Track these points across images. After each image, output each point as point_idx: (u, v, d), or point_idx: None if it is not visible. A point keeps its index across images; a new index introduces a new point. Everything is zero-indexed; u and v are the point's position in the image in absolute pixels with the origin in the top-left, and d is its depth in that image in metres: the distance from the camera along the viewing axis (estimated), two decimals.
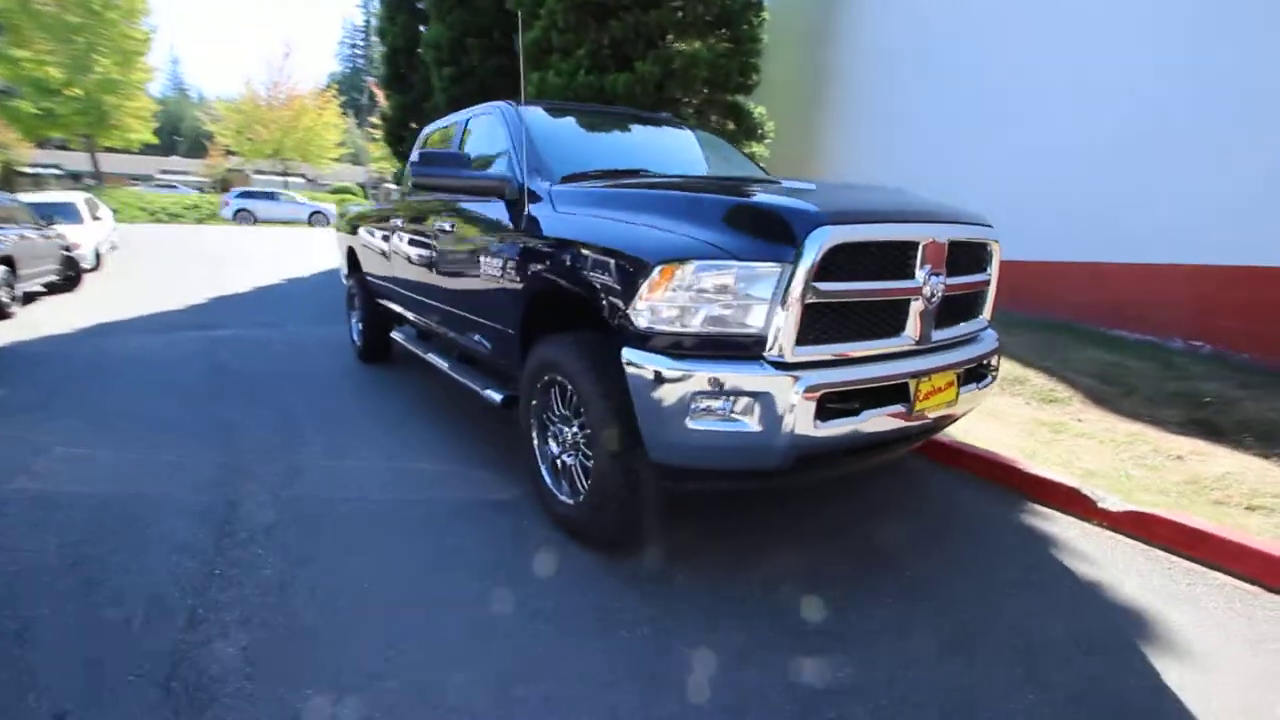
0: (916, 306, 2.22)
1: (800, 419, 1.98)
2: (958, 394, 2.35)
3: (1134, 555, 2.50)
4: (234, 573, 2.30)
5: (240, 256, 14.65)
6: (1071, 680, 1.84)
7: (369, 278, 5.19)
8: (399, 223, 4.22)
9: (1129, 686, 1.82)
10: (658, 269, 2.00)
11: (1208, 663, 1.91)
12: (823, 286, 1.98)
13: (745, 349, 2.00)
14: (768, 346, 1.98)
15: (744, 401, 1.97)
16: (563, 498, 2.56)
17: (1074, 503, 2.81)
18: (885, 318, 2.19)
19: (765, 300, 1.95)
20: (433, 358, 3.88)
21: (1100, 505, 2.72)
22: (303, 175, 37.24)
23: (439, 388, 4.73)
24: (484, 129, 3.49)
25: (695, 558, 2.43)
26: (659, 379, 2.01)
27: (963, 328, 2.48)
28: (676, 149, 3.62)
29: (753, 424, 1.98)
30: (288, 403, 4.29)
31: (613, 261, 2.14)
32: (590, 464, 2.35)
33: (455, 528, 2.65)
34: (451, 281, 3.43)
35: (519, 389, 2.99)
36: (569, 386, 2.42)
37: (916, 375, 2.20)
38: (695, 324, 2.01)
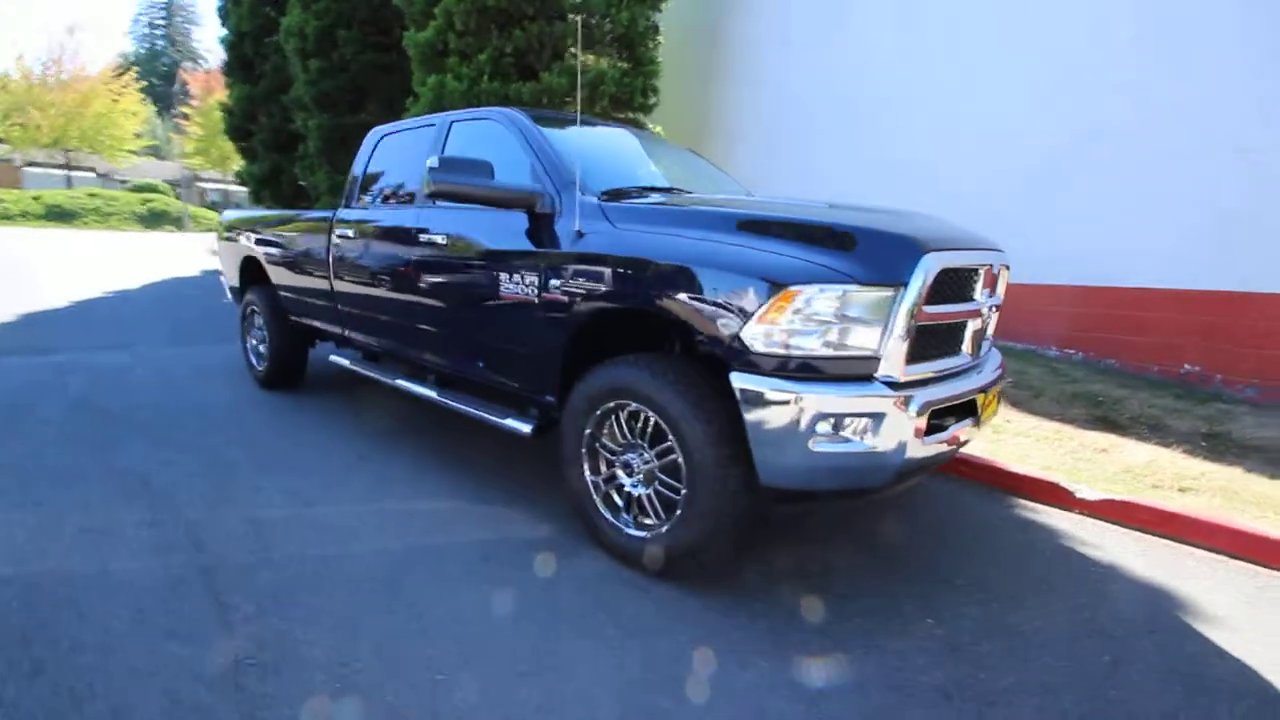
0: (973, 326, 2.41)
1: (912, 437, 2.05)
2: (998, 406, 2.57)
3: (1123, 538, 2.89)
4: (270, 658, 1.89)
5: (39, 263, 12.15)
6: (1148, 656, 2.07)
7: (285, 294, 4.54)
8: (348, 234, 3.75)
9: (1195, 653, 2.09)
10: (780, 291, 1.97)
11: (1231, 624, 2.26)
12: (927, 309, 2.08)
13: (860, 370, 2.03)
14: (881, 367, 2.03)
15: (864, 422, 2.00)
16: (629, 530, 2.42)
17: (1055, 495, 3.18)
18: (953, 338, 2.34)
19: (880, 323, 2.00)
20: (405, 384, 3.48)
21: (1078, 495, 3.11)
22: (92, 169, 31.61)
23: (388, 415, 4.25)
24: (475, 136, 3.22)
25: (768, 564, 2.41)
26: (780, 403, 1.98)
27: (987, 345, 2.72)
28: (678, 163, 3.58)
29: (871, 444, 2.01)
30: (200, 444, 3.62)
31: (721, 283, 2.07)
32: (678, 492, 2.25)
33: (501, 575, 2.39)
34: (445, 302, 3.11)
35: (552, 417, 2.80)
36: (645, 413, 2.29)
37: (980, 390, 2.37)
38: (813, 347, 2.00)
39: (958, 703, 1.80)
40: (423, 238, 3.19)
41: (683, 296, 2.14)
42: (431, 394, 3.29)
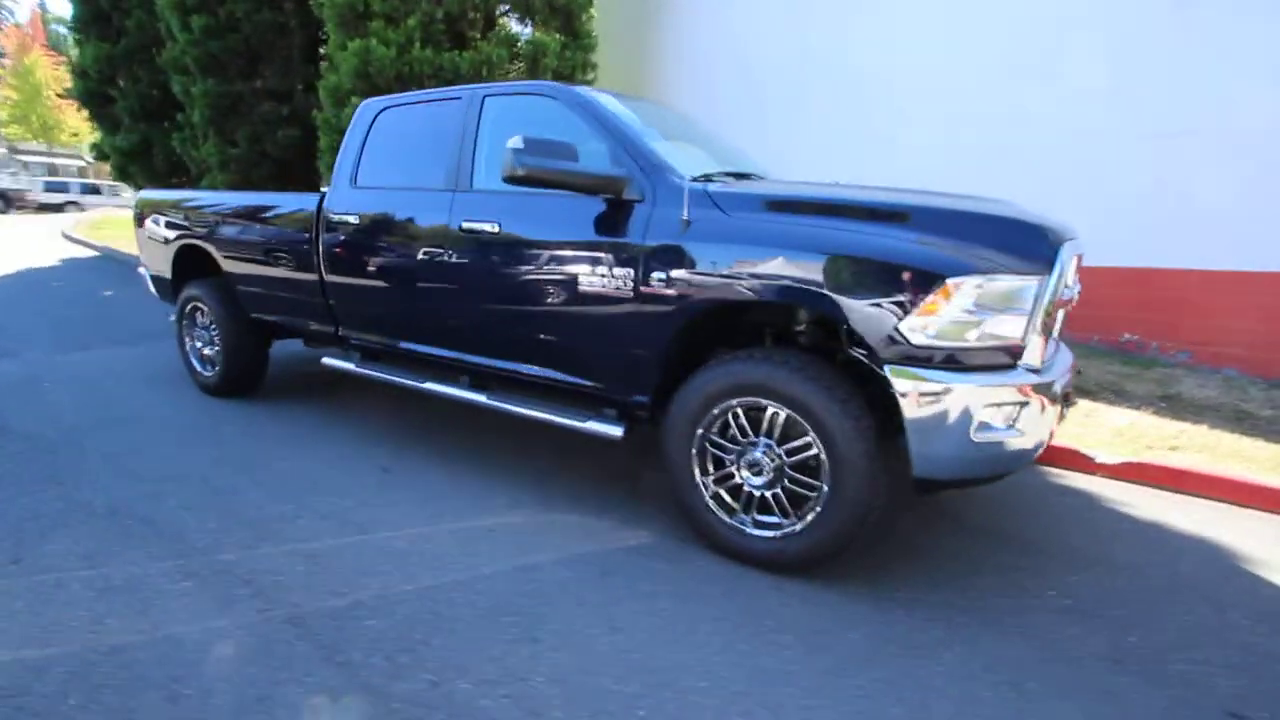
0: (1061, 314, 2.53)
1: (1051, 422, 2.14)
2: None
3: (1149, 496, 3.19)
4: None
5: None
6: (1247, 600, 2.30)
7: (246, 288, 3.98)
8: (349, 221, 3.32)
9: (1268, 596, 2.36)
10: (942, 284, 1.96)
11: (1274, 564, 2.57)
12: (1057, 297, 2.15)
13: (1006, 360, 2.07)
14: (1025, 356, 2.09)
15: (1019, 410, 2.05)
16: (751, 531, 2.35)
17: (1074, 461, 3.47)
18: (1052, 325, 2.45)
19: (1025, 311, 2.05)
20: (439, 388, 3.15)
21: (1098, 460, 3.40)
22: None
23: (379, 418, 3.86)
24: (518, 113, 2.93)
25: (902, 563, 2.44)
26: (944, 395, 1.98)
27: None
28: (713, 141, 3.44)
29: (1023, 430, 2.07)
30: (180, 469, 3.11)
31: (879, 276, 2.02)
32: (812, 490, 2.20)
33: (632, 589, 2.24)
34: (499, 298, 2.83)
35: (637, 417, 2.65)
36: (773, 409, 2.22)
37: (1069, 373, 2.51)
38: (970, 338, 2.01)
39: (1132, 667, 1.92)
40: (466, 227, 2.88)
41: (833, 290, 2.08)
42: (478, 398, 3.01)
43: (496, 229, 2.80)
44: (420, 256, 3.07)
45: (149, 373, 4.76)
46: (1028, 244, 2.07)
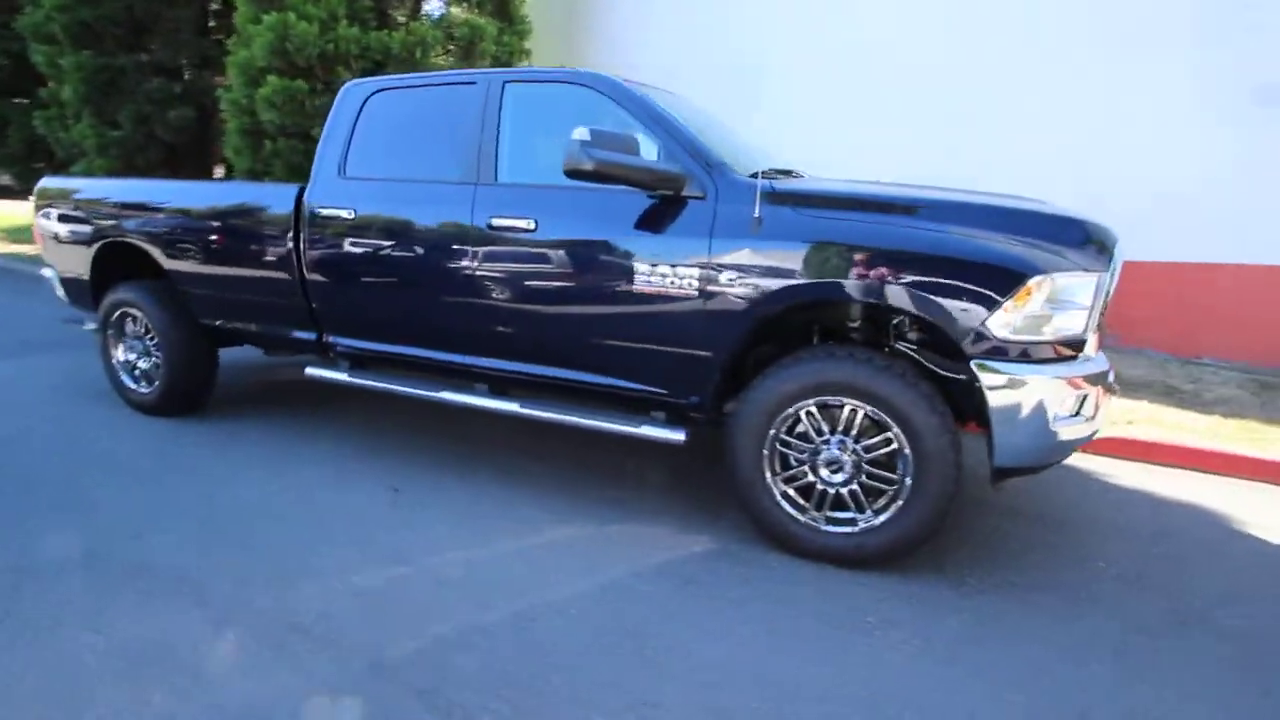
0: None
1: (1105, 409, 2.29)
2: None
3: (1129, 468, 3.51)
4: None
5: None
6: (1256, 561, 2.56)
7: (198, 291, 3.51)
8: (341, 217, 2.99)
9: (1273, 554, 2.65)
10: (1026, 281, 2.04)
11: (1260, 524, 2.89)
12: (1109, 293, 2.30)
13: (1071, 352, 2.19)
14: (1086, 348, 2.22)
15: (1080, 398, 2.17)
16: (827, 528, 2.35)
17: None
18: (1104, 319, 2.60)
19: (1088, 307, 2.17)
20: (458, 398, 2.92)
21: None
22: None
23: (359, 429, 3.55)
24: (544, 102, 2.76)
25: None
26: (1029, 387, 2.07)
27: None
28: (733, 134, 3.39)
29: (1088, 417, 2.20)
30: (148, 505, 2.72)
31: (968, 274, 2.07)
32: (890, 483, 2.24)
33: (722, 596, 2.17)
34: (538, 300, 2.66)
35: (692, 419, 2.59)
36: (853, 406, 2.23)
37: None
38: (1047, 332, 2.11)
39: (1196, 626, 2.10)
40: (496, 223, 2.67)
41: (921, 288, 2.11)
42: (509, 407, 2.81)
43: (533, 225, 2.62)
44: (433, 255, 2.83)
45: (62, 390, 4.11)
46: (1090, 242, 2.20)
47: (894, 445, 2.22)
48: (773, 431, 2.36)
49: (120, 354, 3.86)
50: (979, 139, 5.97)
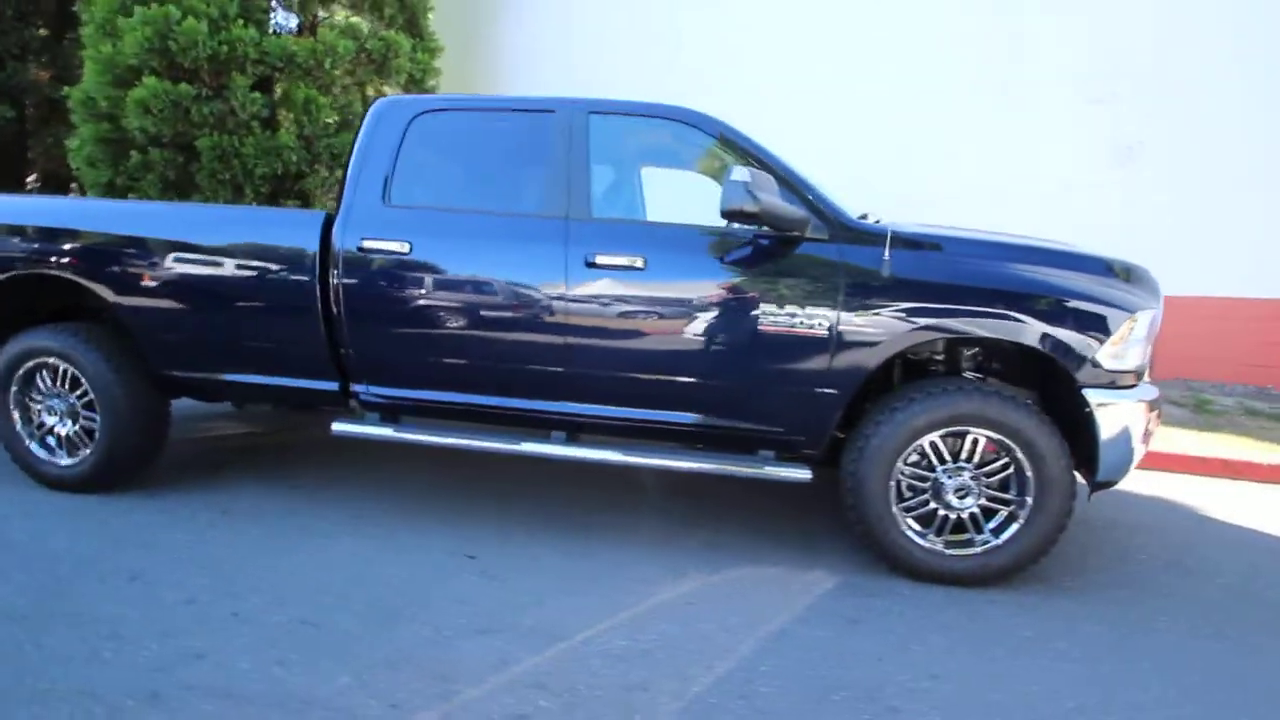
0: None
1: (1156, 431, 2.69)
2: None
3: (1206, 482, 4.04)
4: None
5: None
6: None
7: (161, 338, 2.89)
8: (391, 252, 2.63)
9: None
10: (1128, 318, 2.36)
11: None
12: None
13: (1136, 380, 2.55)
14: (1145, 375, 2.60)
15: (1149, 420, 2.53)
16: (949, 552, 2.49)
17: None
18: None
19: (1148, 340, 2.55)
20: (536, 448, 2.67)
21: None
22: None
23: (379, 487, 3.12)
24: (640, 137, 2.68)
25: None
26: (1128, 411, 2.38)
27: None
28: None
29: (1152, 435, 2.57)
30: (176, 616, 2.19)
31: (1090, 314, 2.35)
32: (1009, 504, 2.44)
33: (896, 631, 2.20)
34: (648, 341, 2.56)
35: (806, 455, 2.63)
36: (976, 435, 2.41)
37: None
38: (1132, 362, 2.45)
39: (1269, 612, 2.50)
40: (600, 261, 2.52)
41: (1049, 325, 2.36)
42: (611, 456, 2.63)
43: (642, 264, 2.51)
44: (516, 294, 2.59)
45: None
46: (1150, 284, 2.58)
47: (1010, 469, 2.43)
48: (899, 464, 2.47)
49: (27, 418, 3.03)
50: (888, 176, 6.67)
